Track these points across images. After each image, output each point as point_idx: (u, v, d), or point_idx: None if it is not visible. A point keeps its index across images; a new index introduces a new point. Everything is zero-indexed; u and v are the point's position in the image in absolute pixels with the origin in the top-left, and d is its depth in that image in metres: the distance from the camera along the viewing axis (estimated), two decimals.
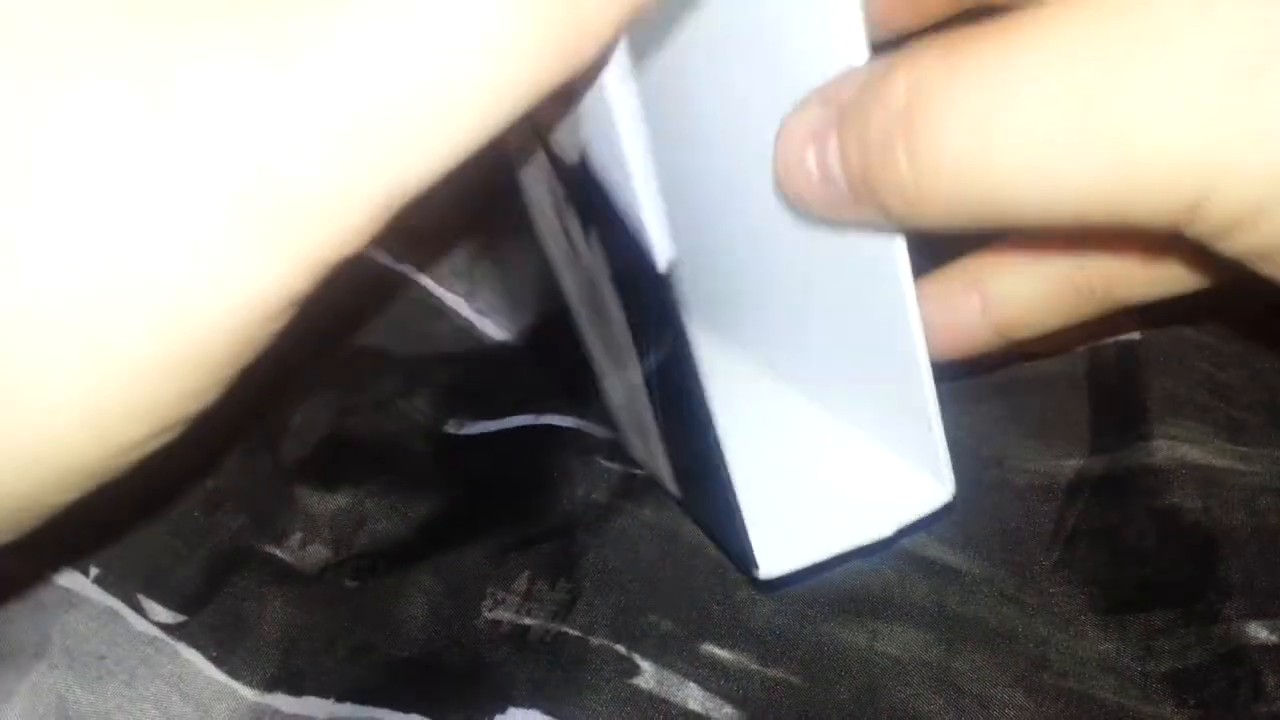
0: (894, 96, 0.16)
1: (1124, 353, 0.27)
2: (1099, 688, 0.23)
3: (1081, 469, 0.26)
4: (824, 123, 0.18)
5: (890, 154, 0.16)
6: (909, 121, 0.16)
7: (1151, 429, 0.26)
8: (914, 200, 0.16)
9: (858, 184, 0.17)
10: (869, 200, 0.17)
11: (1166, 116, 0.14)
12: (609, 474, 0.26)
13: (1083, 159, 0.15)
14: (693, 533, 0.25)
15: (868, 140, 0.17)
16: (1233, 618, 0.23)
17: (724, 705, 0.23)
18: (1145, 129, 0.14)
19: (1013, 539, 0.25)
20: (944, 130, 0.16)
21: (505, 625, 0.24)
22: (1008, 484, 0.25)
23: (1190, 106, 0.14)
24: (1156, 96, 0.14)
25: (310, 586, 0.25)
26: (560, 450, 0.27)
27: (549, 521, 0.26)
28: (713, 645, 0.24)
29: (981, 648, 0.23)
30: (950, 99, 0.15)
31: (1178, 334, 0.27)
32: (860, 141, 0.17)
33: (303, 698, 0.24)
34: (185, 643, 0.24)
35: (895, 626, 0.24)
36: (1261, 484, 0.25)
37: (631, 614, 0.24)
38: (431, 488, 0.26)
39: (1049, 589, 0.24)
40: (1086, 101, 0.15)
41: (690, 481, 0.24)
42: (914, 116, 0.16)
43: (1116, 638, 0.23)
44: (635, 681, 0.23)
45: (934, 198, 0.16)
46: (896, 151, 0.16)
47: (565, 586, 0.25)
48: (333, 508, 0.26)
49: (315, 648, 0.24)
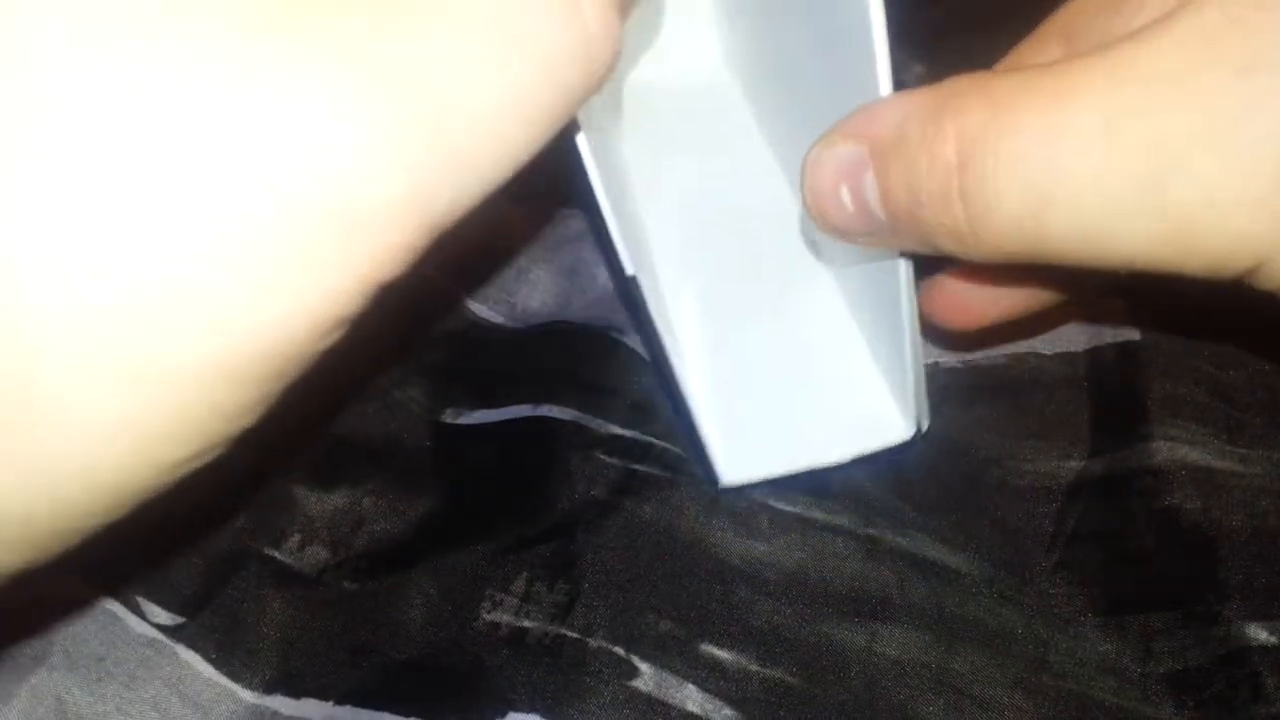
0: (944, 147, 0.17)
1: (1124, 354, 0.27)
2: (1098, 689, 0.23)
3: (1081, 470, 0.26)
4: (856, 160, 0.18)
5: (947, 204, 0.17)
6: (962, 180, 0.16)
7: (1151, 430, 0.26)
8: (968, 244, 0.17)
9: (904, 222, 0.18)
10: (913, 234, 0.18)
11: (1230, 201, 0.15)
12: (609, 469, 0.26)
13: (1140, 229, 0.15)
14: (692, 529, 0.25)
15: (917, 186, 0.17)
16: (1232, 619, 0.23)
17: (723, 707, 0.23)
18: (1208, 209, 0.15)
19: (1012, 540, 0.25)
20: (1000, 189, 0.16)
21: (504, 628, 0.24)
22: (1007, 485, 0.25)
23: (1250, 190, 0.15)
24: (1219, 181, 0.15)
25: (309, 588, 0.25)
26: (559, 445, 0.27)
27: (548, 521, 0.26)
28: (712, 645, 0.24)
29: (981, 649, 0.23)
30: (1005, 159, 0.16)
31: (1178, 335, 0.27)
32: (909, 188, 0.17)
33: (301, 700, 0.24)
34: (184, 644, 0.24)
35: (894, 627, 0.24)
36: (1261, 485, 0.25)
37: (630, 614, 0.24)
38: (430, 485, 0.26)
39: (1048, 590, 0.24)
40: (1142, 176, 0.15)
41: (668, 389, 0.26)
42: (968, 177, 0.16)
43: (1116, 639, 0.23)
44: (634, 683, 0.23)
45: (988, 243, 0.17)
46: (952, 202, 0.17)
47: (564, 588, 0.25)
48: (330, 508, 0.26)
49: (314, 649, 0.24)
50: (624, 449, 0.27)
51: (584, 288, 0.29)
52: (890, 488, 0.26)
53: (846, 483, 0.26)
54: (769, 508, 0.25)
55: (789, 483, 0.25)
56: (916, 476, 0.26)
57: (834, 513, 0.25)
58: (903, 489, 0.26)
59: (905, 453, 0.25)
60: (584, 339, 0.28)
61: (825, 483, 0.26)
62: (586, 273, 0.29)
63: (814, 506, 0.25)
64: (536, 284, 0.29)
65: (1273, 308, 0.17)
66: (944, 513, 0.25)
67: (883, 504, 0.25)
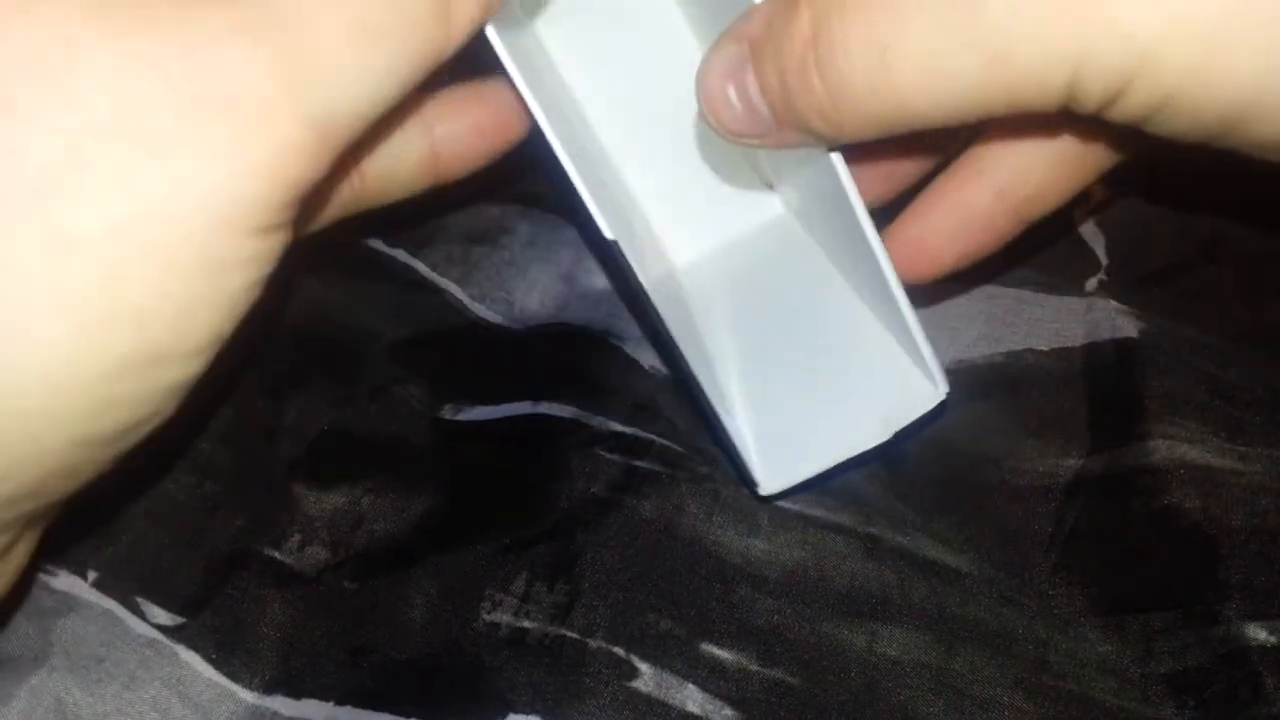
0: (801, 28, 0.18)
1: (1122, 350, 0.27)
2: (1098, 689, 0.23)
3: (1080, 469, 0.26)
4: (739, 58, 0.20)
5: (807, 80, 0.18)
6: (817, 49, 0.18)
7: (1150, 428, 0.26)
8: (833, 118, 0.19)
9: (781, 111, 0.20)
10: (793, 124, 0.20)
11: (1032, 15, 0.16)
12: (609, 466, 0.26)
13: (966, 61, 0.17)
14: (692, 527, 0.25)
15: (784, 69, 0.19)
16: (1232, 619, 0.23)
17: (723, 707, 0.23)
18: (1014, 28, 0.16)
19: (1012, 540, 0.25)
20: (848, 53, 0.18)
21: (504, 628, 0.24)
22: (1006, 485, 0.25)
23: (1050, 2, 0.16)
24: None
25: (309, 588, 0.25)
26: (559, 442, 0.27)
27: (547, 520, 0.26)
28: (712, 645, 0.24)
29: (981, 649, 0.24)
30: (850, 26, 0.18)
31: (1176, 332, 0.27)
32: (778, 72, 0.19)
33: (302, 700, 0.24)
34: (184, 645, 0.24)
35: (895, 628, 0.24)
36: (1261, 484, 0.25)
37: (630, 614, 0.24)
38: (429, 483, 0.26)
39: (1048, 590, 0.24)
40: (962, 12, 0.17)
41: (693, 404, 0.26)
42: (820, 44, 0.18)
43: (1116, 639, 0.23)
44: (634, 684, 0.23)
45: (850, 113, 0.18)
46: (811, 77, 0.18)
47: (564, 588, 0.25)
48: (330, 507, 0.26)
49: (314, 650, 0.24)
50: (624, 445, 0.27)
51: (583, 291, 0.29)
52: (889, 487, 0.26)
53: (846, 482, 0.26)
54: (769, 505, 0.25)
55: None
56: (915, 477, 0.26)
57: (834, 511, 0.25)
58: (902, 489, 0.26)
59: (938, 418, 0.24)
60: (583, 340, 0.28)
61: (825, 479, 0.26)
62: (585, 276, 0.29)
63: (814, 505, 0.25)
64: (535, 283, 0.29)
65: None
66: (943, 513, 0.25)
67: (882, 503, 0.25)
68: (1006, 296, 0.28)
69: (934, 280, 0.25)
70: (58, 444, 0.17)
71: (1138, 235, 0.29)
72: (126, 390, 0.17)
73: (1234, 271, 0.28)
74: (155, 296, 0.16)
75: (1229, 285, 0.28)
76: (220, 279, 0.17)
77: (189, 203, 0.16)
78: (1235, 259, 0.28)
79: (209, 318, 0.17)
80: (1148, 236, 0.29)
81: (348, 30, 0.17)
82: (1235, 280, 0.28)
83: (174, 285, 0.16)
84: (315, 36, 0.16)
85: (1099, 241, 0.29)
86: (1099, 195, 0.29)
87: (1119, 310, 0.28)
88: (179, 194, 0.15)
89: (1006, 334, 0.28)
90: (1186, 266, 0.28)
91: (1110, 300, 0.28)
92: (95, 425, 0.17)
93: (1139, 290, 0.28)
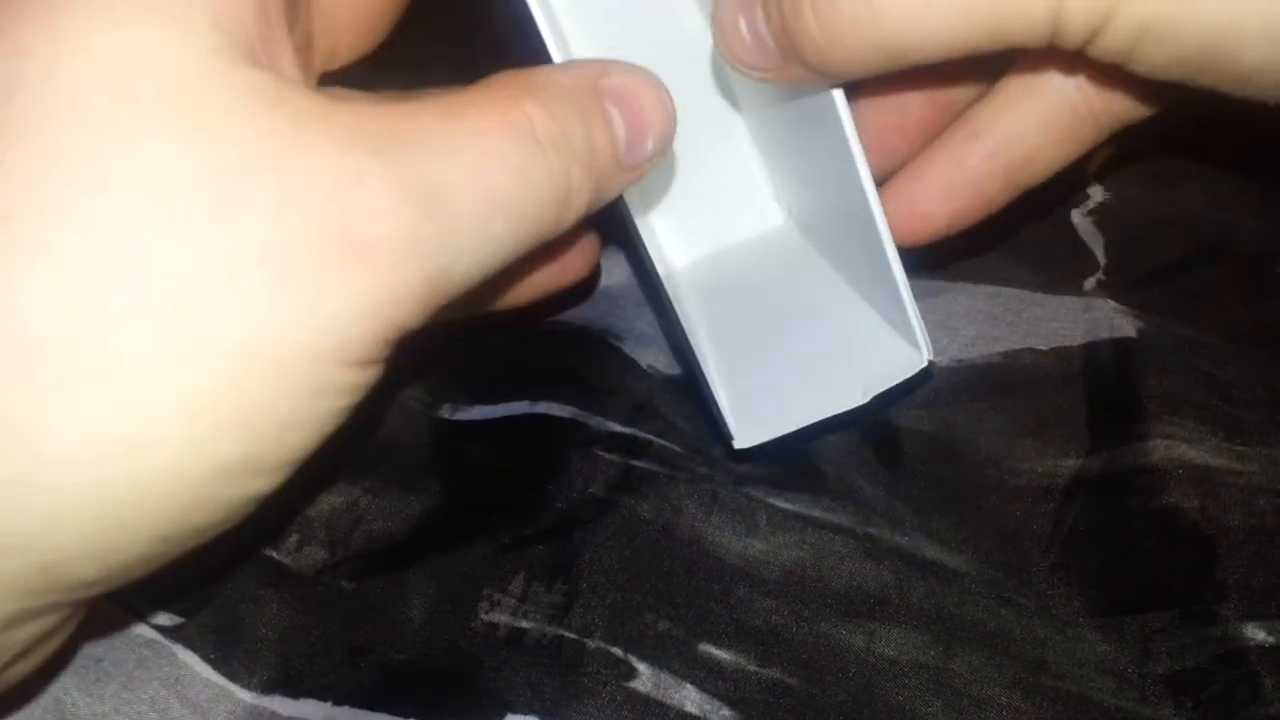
0: None
1: (1120, 350, 0.27)
2: (1097, 690, 0.23)
3: (1079, 469, 0.26)
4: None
5: (800, 11, 0.19)
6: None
7: (1148, 428, 0.26)
8: (825, 51, 0.19)
9: (781, 43, 0.20)
10: (791, 58, 0.20)
11: None
12: (607, 466, 0.26)
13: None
14: (690, 527, 0.25)
15: (783, 3, 0.20)
16: (1230, 619, 0.23)
17: (721, 707, 0.23)
18: None
19: (1010, 540, 0.25)
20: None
21: (502, 628, 0.24)
22: (1004, 484, 0.25)
23: None
24: None
25: (307, 588, 0.25)
26: (557, 441, 0.27)
27: (546, 519, 0.26)
28: (710, 645, 0.24)
29: (979, 650, 0.24)
30: None
31: (1175, 332, 0.27)
32: (778, 5, 0.20)
33: (300, 700, 0.24)
34: (183, 645, 0.24)
35: (893, 628, 0.24)
36: (1259, 484, 0.25)
37: (628, 614, 0.24)
38: (427, 483, 0.26)
39: (1046, 591, 0.24)
40: None
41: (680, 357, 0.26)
42: None
43: (1114, 639, 0.23)
44: (632, 684, 0.23)
45: (840, 46, 0.19)
46: (804, 10, 0.19)
47: (562, 588, 0.25)
48: (328, 507, 0.26)
49: (312, 650, 0.24)
50: (623, 445, 0.27)
51: (581, 292, 0.29)
52: (888, 487, 0.26)
53: (845, 482, 0.26)
54: (767, 505, 0.25)
55: (787, 481, 0.25)
56: (914, 476, 0.26)
57: (832, 511, 0.25)
58: (900, 489, 0.26)
59: (920, 384, 0.24)
60: (582, 340, 0.28)
61: (823, 479, 0.26)
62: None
63: (812, 505, 0.25)
64: None
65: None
66: (941, 513, 0.25)
67: (880, 503, 0.25)
68: (1005, 296, 0.28)
69: (928, 242, 0.25)
70: (144, 537, 0.17)
71: (1136, 235, 0.29)
72: (222, 494, 0.17)
73: (1233, 271, 0.28)
74: (266, 411, 0.17)
75: (1228, 285, 0.28)
76: (320, 402, 0.17)
77: (310, 332, 0.16)
78: (1234, 259, 0.28)
79: (304, 436, 0.18)
80: (1146, 236, 0.29)
81: (480, 200, 0.18)
82: (1234, 280, 0.28)
83: (283, 403, 0.17)
84: (452, 199, 0.17)
85: (1097, 241, 0.29)
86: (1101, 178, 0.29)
87: (1117, 310, 0.28)
88: (304, 322, 0.16)
89: (1005, 333, 0.28)
90: (1185, 266, 0.28)
91: (1109, 300, 0.28)
92: (183, 524, 0.17)
93: (1138, 290, 0.28)
